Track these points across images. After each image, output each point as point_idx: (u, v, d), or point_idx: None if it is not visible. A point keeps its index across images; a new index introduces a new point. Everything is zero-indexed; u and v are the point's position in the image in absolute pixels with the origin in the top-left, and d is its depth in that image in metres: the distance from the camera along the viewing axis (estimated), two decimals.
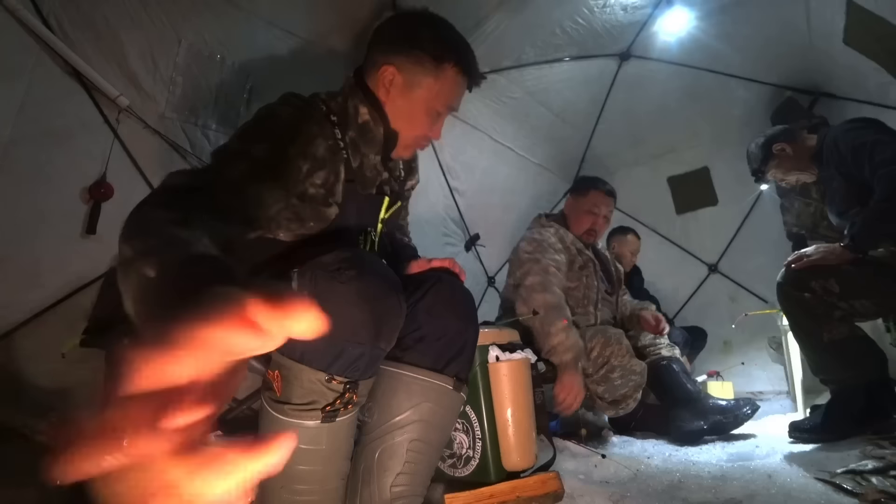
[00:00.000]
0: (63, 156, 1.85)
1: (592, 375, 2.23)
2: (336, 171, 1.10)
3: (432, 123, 1.18)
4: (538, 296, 2.14)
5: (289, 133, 1.02)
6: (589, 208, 2.52)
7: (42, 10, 1.74)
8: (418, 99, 1.15)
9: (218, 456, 0.33)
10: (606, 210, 2.56)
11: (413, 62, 1.13)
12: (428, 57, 1.13)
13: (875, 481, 1.37)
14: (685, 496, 1.43)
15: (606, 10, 2.77)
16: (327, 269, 0.94)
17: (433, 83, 1.14)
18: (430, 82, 1.14)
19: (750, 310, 3.13)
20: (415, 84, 1.14)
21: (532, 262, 2.27)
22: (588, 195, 2.55)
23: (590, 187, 2.57)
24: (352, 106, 1.15)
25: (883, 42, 2.25)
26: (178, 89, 2.09)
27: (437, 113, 1.18)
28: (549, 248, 2.34)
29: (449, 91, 1.16)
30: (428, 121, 1.17)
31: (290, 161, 1.01)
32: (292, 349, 0.94)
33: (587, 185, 2.60)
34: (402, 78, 1.13)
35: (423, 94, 1.14)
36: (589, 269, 2.47)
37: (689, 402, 2.26)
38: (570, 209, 2.61)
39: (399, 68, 1.14)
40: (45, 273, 1.83)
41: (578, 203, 2.56)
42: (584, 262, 2.46)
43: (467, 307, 1.19)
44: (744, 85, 3.22)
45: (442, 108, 1.18)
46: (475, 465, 1.34)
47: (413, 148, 1.23)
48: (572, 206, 2.60)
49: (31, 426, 1.45)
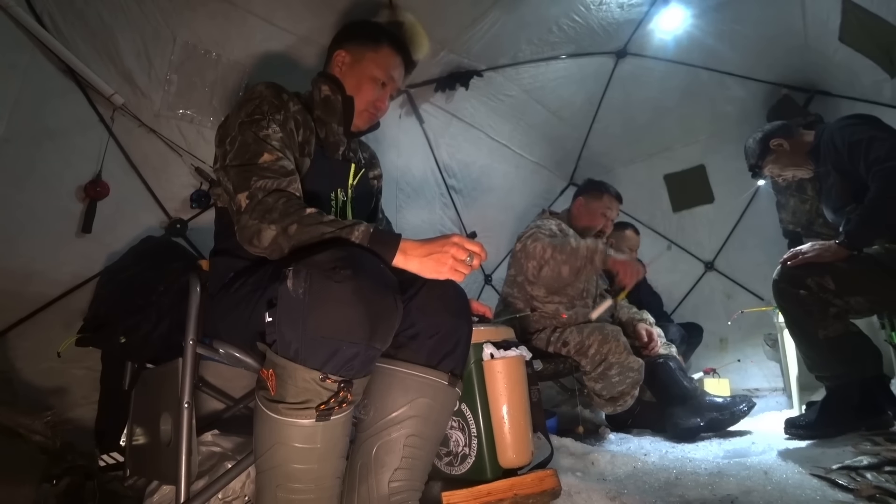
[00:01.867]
0: (58, 154, 1.85)
1: (590, 373, 2.24)
2: (310, 128, 1.32)
3: (377, 91, 1.41)
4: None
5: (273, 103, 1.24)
6: (602, 211, 2.60)
7: (36, 8, 1.73)
8: (364, 70, 1.40)
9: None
10: (616, 213, 2.66)
11: (358, 44, 1.43)
12: (369, 39, 1.43)
13: (870, 477, 1.38)
14: (682, 493, 1.43)
15: (603, 8, 2.77)
16: (322, 268, 0.94)
17: (374, 56, 1.41)
18: (371, 56, 1.41)
19: (746, 307, 3.13)
20: (360, 59, 1.41)
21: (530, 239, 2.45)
22: (602, 198, 2.62)
23: (603, 191, 2.64)
24: (316, 90, 1.39)
25: (878, 39, 2.26)
26: (173, 87, 2.08)
27: (381, 82, 1.41)
28: (546, 231, 2.46)
29: (385, 62, 1.42)
30: (373, 88, 1.40)
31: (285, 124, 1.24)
32: (286, 347, 0.94)
33: (600, 188, 2.66)
34: (350, 57, 1.42)
35: (367, 66, 1.41)
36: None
37: (685, 399, 2.27)
38: (580, 210, 2.65)
39: (348, 51, 1.42)
40: (40, 272, 1.82)
41: (591, 206, 2.62)
42: None
43: (460, 304, 1.21)
44: (740, 83, 3.22)
45: (383, 77, 1.41)
46: (472, 462, 1.34)
47: (367, 116, 1.42)
48: (584, 207, 2.64)
49: (27, 425, 1.45)
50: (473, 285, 3.74)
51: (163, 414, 1.21)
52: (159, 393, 1.26)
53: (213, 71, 2.15)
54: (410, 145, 3.07)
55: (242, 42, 2.18)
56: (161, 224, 2.13)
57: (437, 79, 2.86)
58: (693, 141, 3.71)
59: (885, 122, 2.02)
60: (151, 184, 2.09)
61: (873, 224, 1.85)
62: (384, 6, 2.25)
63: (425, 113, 3.07)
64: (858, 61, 2.47)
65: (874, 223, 1.84)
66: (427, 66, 2.61)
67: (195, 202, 2.16)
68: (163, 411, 1.21)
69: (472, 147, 3.35)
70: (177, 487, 1.07)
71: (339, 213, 1.36)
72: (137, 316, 1.31)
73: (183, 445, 1.08)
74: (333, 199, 1.36)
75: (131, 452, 1.41)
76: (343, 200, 1.37)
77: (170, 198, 2.14)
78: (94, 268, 1.91)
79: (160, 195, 2.11)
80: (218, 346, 1.20)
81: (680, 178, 3.82)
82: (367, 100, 1.40)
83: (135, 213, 2.06)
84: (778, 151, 2.24)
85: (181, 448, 1.08)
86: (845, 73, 2.67)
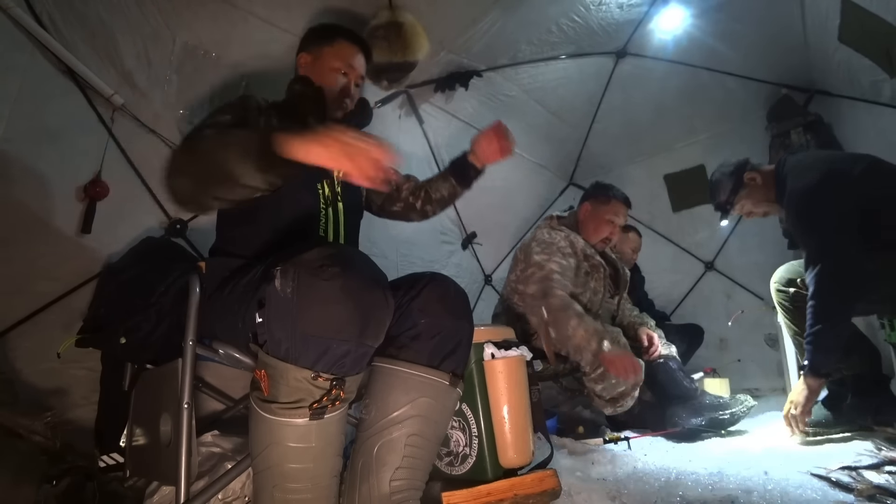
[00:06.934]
0: (57, 154, 1.85)
1: (590, 374, 2.24)
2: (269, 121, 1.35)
3: (341, 81, 1.49)
4: (540, 302, 2.16)
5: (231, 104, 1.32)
6: (610, 217, 2.50)
7: (35, 9, 1.73)
8: (324, 64, 1.50)
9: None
10: (624, 219, 2.56)
11: (315, 44, 1.54)
12: (324, 37, 1.54)
13: (870, 477, 1.38)
14: (682, 493, 1.43)
15: (602, 8, 2.77)
16: (310, 267, 0.94)
17: (331, 50, 1.51)
18: (328, 50, 1.51)
19: (746, 307, 3.14)
20: (319, 56, 1.51)
21: (536, 266, 2.29)
22: (610, 204, 2.52)
23: (611, 197, 2.54)
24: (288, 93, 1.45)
25: (877, 39, 2.25)
26: (172, 88, 2.08)
27: (342, 72, 1.50)
28: (558, 251, 2.34)
29: (342, 53, 1.51)
30: (335, 78, 1.49)
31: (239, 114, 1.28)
32: (277, 347, 0.94)
33: (608, 193, 2.56)
34: (310, 57, 1.52)
35: (326, 60, 1.50)
36: (598, 274, 2.44)
37: (685, 399, 2.26)
38: (587, 216, 2.55)
39: (308, 52, 1.53)
40: (40, 272, 1.82)
41: (599, 211, 2.52)
42: (590, 267, 2.43)
43: (461, 304, 1.21)
44: (739, 82, 3.22)
45: (343, 67, 1.50)
46: (472, 462, 1.34)
47: (339, 104, 1.49)
48: (591, 213, 2.54)
49: (28, 426, 1.45)
50: (473, 285, 3.75)
51: (163, 414, 1.20)
52: (159, 393, 1.26)
53: (213, 72, 2.15)
54: (410, 145, 3.07)
55: (242, 43, 2.18)
56: (161, 224, 2.13)
57: (437, 79, 2.86)
58: (693, 141, 3.72)
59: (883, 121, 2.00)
60: (151, 184, 2.09)
61: (824, 354, 1.74)
62: (384, 7, 2.25)
63: (425, 113, 3.07)
64: (858, 61, 2.47)
65: (825, 352, 1.74)
66: (427, 67, 2.61)
67: None
68: (163, 412, 1.21)
69: None
70: (177, 488, 1.07)
71: (329, 205, 1.38)
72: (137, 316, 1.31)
73: (183, 446, 1.08)
74: (320, 190, 1.38)
75: (131, 453, 1.41)
76: (329, 193, 1.39)
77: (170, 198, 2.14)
78: (94, 268, 1.91)
79: (160, 195, 2.11)
80: (217, 346, 1.20)
81: (680, 178, 3.83)
82: (334, 90, 1.48)
83: (135, 213, 2.06)
84: (751, 186, 2.10)
85: (181, 448, 1.08)
86: (845, 72, 2.66)
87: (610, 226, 2.50)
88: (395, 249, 3.14)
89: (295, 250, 1.00)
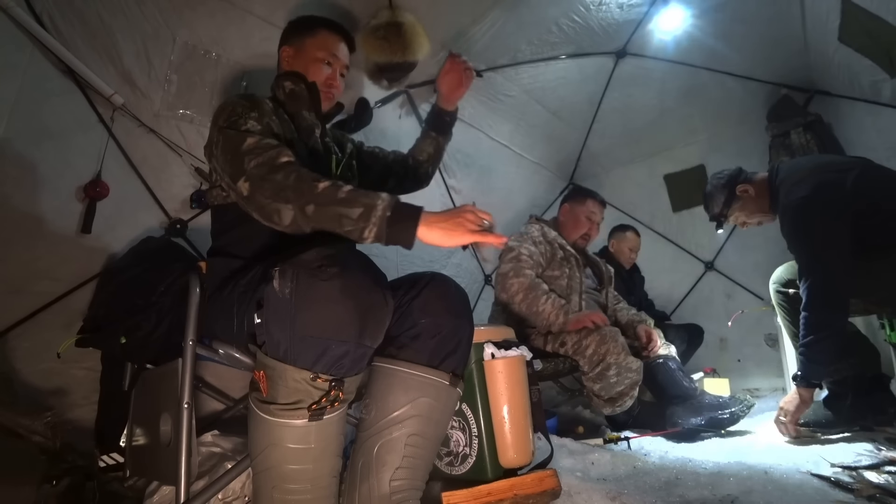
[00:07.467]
0: (58, 154, 1.85)
1: (588, 373, 2.24)
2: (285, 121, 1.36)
3: (325, 71, 1.47)
4: (512, 281, 2.40)
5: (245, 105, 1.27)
6: (587, 215, 2.70)
7: (35, 8, 1.73)
8: (307, 55, 1.47)
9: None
10: (600, 217, 2.77)
11: (297, 36, 1.50)
12: (305, 28, 1.51)
13: (870, 477, 1.38)
14: (682, 493, 1.43)
15: (602, 8, 2.77)
16: (309, 267, 0.94)
17: (313, 41, 1.48)
18: (310, 41, 1.48)
19: (746, 307, 3.13)
20: (301, 47, 1.48)
21: (507, 250, 2.52)
22: (585, 203, 2.72)
23: (586, 196, 2.76)
24: (280, 89, 1.43)
25: (877, 39, 2.25)
26: (172, 87, 2.08)
27: (326, 62, 1.47)
28: (528, 238, 2.56)
29: (324, 42, 1.49)
30: (320, 68, 1.46)
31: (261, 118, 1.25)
32: (275, 348, 0.94)
33: (583, 194, 2.79)
34: (293, 49, 1.49)
35: (309, 50, 1.47)
36: (571, 263, 2.58)
37: (685, 399, 2.27)
38: (566, 216, 2.76)
39: (290, 44, 1.50)
40: (40, 273, 1.82)
41: (575, 210, 2.73)
42: (565, 255, 2.59)
43: (461, 304, 1.21)
44: (740, 82, 3.22)
45: (326, 56, 1.47)
46: (472, 462, 1.34)
47: (329, 94, 1.48)
48: (569, 212, 2.75)
49: (27, 426, 1.45)
50: (473, 285, 3.75)
51: (162, 414, 1.20)
52: (159, 393, 1.26)
53: (213, 71, 2.15)
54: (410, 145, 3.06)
55: (242, 42, 2.18)
56: (161, 224, 2.13)
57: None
58: (693, 141, 3.72)
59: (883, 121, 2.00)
60: (151, 184, 2.09)
61: (815, 365, 1.78)
62: (384, 7, 2.25)
63: (425, 113, 3.06)
64: (858, 61, 2.47)
65: (816, 364, 1.78)
66: (427, 66, 2.61)
67: (195, 202, 2.15)
68: (162, 412, 1.21)
69: (472, 147, 3.36)
70: (176, 488, 1.07)
71: None
72: (138, 316, 1.31)
73: (183, 446, 1.08)
74: None
75: (131, 453, 1.41)
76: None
77: (170, 198, 2.14)
78: (93, 268, 1.91)
79: (160, 195, 2.11)
80: (217, 346, 1.20)
81: (680, 178, 3.83)
82: (319, 81, 1.46)
83: (135, 213, 2.06)
84: (744, 198, 2.14)
85: (181, 448, 1.08)
86: (845, 72, 2.66)
87: (587, 222, 2.71)
88: (395, 249, 3.13)
89: (294, 251, 1.00)
